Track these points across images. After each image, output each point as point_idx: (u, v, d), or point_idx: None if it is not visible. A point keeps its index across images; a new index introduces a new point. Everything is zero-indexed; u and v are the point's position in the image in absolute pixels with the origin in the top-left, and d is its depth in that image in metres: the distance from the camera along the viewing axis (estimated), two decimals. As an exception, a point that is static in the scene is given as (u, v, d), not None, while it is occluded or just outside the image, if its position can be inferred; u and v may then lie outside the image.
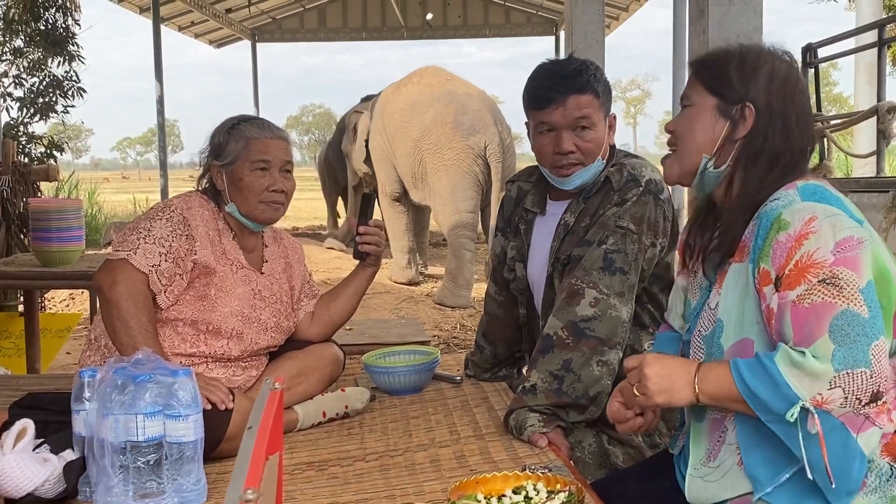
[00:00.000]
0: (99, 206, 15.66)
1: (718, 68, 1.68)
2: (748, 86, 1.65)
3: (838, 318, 1.45)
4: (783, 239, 1.53)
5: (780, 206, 1.58)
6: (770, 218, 1.57)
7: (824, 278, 1.47)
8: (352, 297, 2.60)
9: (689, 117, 1.71)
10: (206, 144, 2.42)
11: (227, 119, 2.44)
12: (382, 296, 8.99)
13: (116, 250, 2.21)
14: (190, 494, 1.79)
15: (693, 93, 1.71)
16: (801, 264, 1.50)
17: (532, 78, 2.34)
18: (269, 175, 2.35)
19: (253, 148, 2.33)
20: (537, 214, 2.45)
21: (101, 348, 2.29)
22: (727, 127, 1.67)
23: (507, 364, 2.71)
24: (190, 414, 1.77)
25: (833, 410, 1.43)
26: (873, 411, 1.45)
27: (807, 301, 1.47)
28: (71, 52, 10.47)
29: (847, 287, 1.46)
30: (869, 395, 1.43)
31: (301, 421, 2.35)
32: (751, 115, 1.64)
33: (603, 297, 2.16)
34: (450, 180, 8.99)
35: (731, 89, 1.66)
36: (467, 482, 1.62)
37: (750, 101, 1.64)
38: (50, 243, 4.05)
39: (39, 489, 1.79)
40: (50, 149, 10.16)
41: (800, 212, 1.54)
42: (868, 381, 1.42)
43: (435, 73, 9.92)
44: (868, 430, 1.46)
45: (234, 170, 2.33)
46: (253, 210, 2.35)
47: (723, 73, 1.67)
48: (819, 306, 1.46)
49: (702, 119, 1.69)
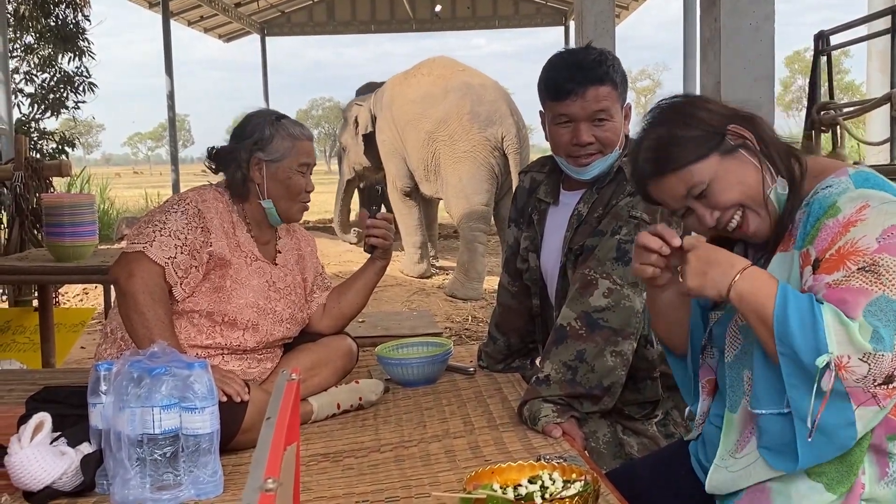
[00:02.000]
0: (111, 200, 15.71)
1: (674, 146, 1.59)
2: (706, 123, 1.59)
3: (873, 304, 1.42)
4: (831, 224, 1.50)
5: (833, 193, 1.54)
6: (823, 205, 1.53)
7: (864, 266, 1.45)
8: (362, 291, 2.61)
9: (726, 183, 1.59)
10: (242, 135, 2.37)
11: (261, 112, 2.44)
12: (394, 288, 9.00)
13: (132, 243, 2.22)
14: (207, 486, 1.80)
15: (693, 178, 1.58)
16: (844, 251, 1.47)
17: (549, 68, 2.30)
18: (307, 176, 2.40)
19: (300, 149, 2.37)
20: (550, 204, 2.44)
21: (118, 341, 2.30)
22: (747, 153, 1.60)
23: (521, 355, 2.71)
24: (206, 406, 1.78)
25: (846, 379, 1.41)
26: (882, 392, 1.44)
27: (843, 285, 1.45)
28: (81, 48, 10.47)
29: (886, 273, 1.44)
30: (884, 377, 1.42)
31: (316, 412, 2.36)
32: (739, 129, 1.60)
33: (616, 288, 2.15)
34: (464, 172, 8.96)
35: (706, 139, 1.59)
36: (483, 472, 1.62)
37: (724, 125, 1.59)
38: (63, 238, 4.07)
39: (57, 482, 1.80)
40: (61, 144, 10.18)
41: (854, 199, 1.51)
42: (889, 364, 1.41)
43: (445, 64, 9.86)
44: (869, 406, 1.44)
45: (281, 168, 2.35)
46: (289, 209, 2.39)
47: (683, 140, 1.59)
48: (855, 290, 1.44)
49: (734, 172, 1.59)
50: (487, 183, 8.98)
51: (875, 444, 1.52)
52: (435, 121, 9.11)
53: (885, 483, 1.52)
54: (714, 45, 3.60)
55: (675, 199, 1.62)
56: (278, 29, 17.75)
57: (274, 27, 17.60)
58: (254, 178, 2.36)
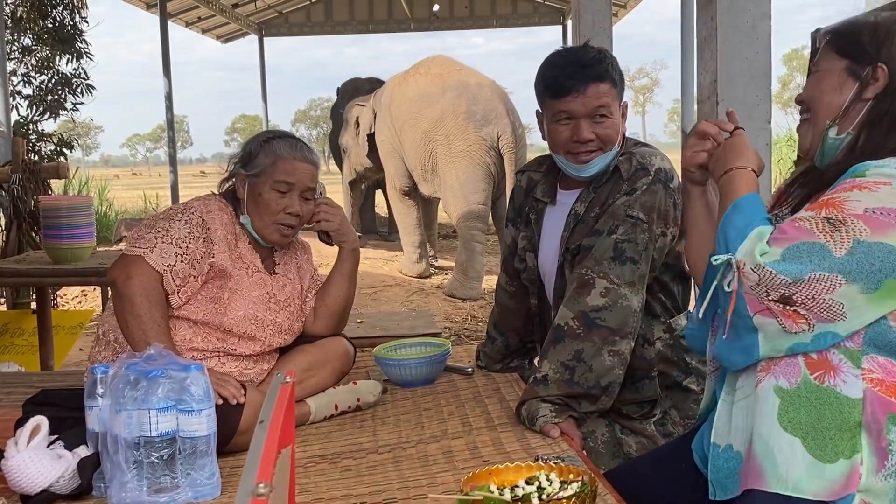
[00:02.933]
0: (109, 202, 15.71)
1: (850, 34, 1.66)
2: (881, 48, 1.62)
3: (804, 244, 1.48)
4: (848, 181, 1.54)
5: (871, 164, 1.56)
6: (857, 170, 1.56)
7: (832, 217, 1.49)
8: (341, 282, 2.57)
9: (818, 80, 1.68)
10: (239, 150, 2.46)
11: (265, 131, 2.48)
12: (393, 288, 9.00)
13: (133, 247, 2.22)
14: (204, 488, 1.79)
15: (823, 59, 1.68)
16: (831, 201, 1.51)
17: (548, 65, 2.30)
18: (288, 197, 2.35)
19: (279, 167, 2.33)
20: (547, 204, 2.44)
21: (111, 343, 2.30)
22: (856, 88, 1.63)
23: (519, 355, 2.70)
24: (203, 408, 1.78)
25: (743, 283, 1.50)
26: (778, 309, 1.48)
27: (798, 223, 1.51)
28: (79, 50, 10.45)
29: (844, 232, 1.47)
30: (779, 296, 1.47)
31: (313, 414, 2.35)
32: (883, 75, 1.61)
33: (614, 287, 2.15)
34: (461, 172, 8.95)
35: (862, 51, 1.63)
36: (480, 473, 1.62)
37: (883, 62, 1.61)
38: (61, 240, 4.07)
39: (54, 485, 1.80)
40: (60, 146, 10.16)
41: (882, 175, 1.52)
42: (784, 286, 1.47)
43: (443, 63, 9.85)
44: (766, 316, 1.50)
45: (257, 183, 2.34)
46: (264, 228, 2.36)
47: (855, 37, 1.65)
48: (802, 230, 1.49)
49: (830, 80, 1.66)
50: (484, 182, 8.99)
51: (872, 427, 1.51)
52: (431, 120, 9.11)
53: (883, 475, 1.51)
54: (711, 43, 3.60)
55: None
56: (276, 29, 17.73)
57: (272, 27, 17.57)
58: (238, 193, 2.38)
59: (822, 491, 1.51)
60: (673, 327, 2.34)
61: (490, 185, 9.07)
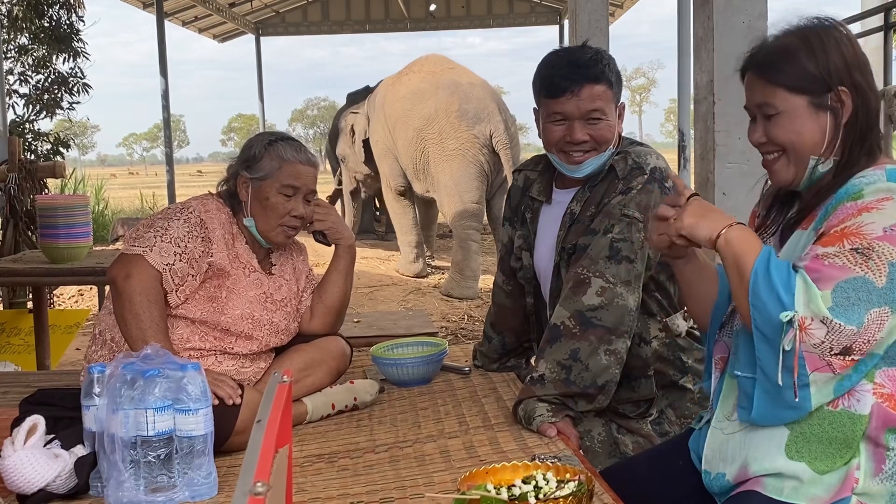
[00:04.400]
0: (106, 201, 15.70)
1: (790, 64, 1.61)
2: (829, 70, 1.59)
3: (848, 281, 1.44)
4: (849, 206, 1.52)
5: (863, 182, 1.55)
6: (850, 191, 1.55)
7: (858, 247, 1.47)
8: (337, 280, 2.59)
9: (789, 123, 1.62)
10: (240, 152, 2.45)
11: (265, 133, 2.47)
12: (390, 288, 9.00)
13: (132, 245, 2.22)
14: (201, 488, 1.80)
15: (775, 99, 1.62)
16: (847, 230, 1.49)
17: (545, 65, 2.30)
18: (294, 200, 2.37)
19: (285, 171, 2.35)
20: (543, 203, 2.44)
21: (108, 342, 2.30)
22: (831, 120, 1.60)
23: (516, 354, 2.71)
24: (199, 408, 1.78)
25: (804, 342, 1.44)
26: (837, 362, 1.46)
27: (828, 260, 1.47)
28: (75, 49, 10.45)
29: (877, 258, 1.45)
30: (841, 348, 1.44)
31: (310, 413, 2.35)
32: (847, 97, 1.59)
33: (609, 287, 2.15)
34: (454, 171, 8.96)
35: (814, 81, 1.59)
36: (477, 472, 1.62)
37: (844, 86, 1.59)
38: (58, 240, 4.07)
39: (51, 485, 1.80)
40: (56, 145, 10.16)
41: (880, 190, 1.52)
42: (849, 337, 1.43)
43: (436, 62, 9.87)
44: (824, 372, 1.46)
45: (263, 187, 2.35)
46: (270, 230, 2.37)
47: (798, 68, 1.60)
48: (836, 267, 1.46)
49: (801, 120, 1.60)
50: (478, 181, 9.01)
51: (872, 436, 1.52)
52: (423, 118, 9.12)
53: (880, 479, 1.53)
54: (707, 43, 3.61)
55: (750, 100, 1.69)
56: (273, 29, 17.70)
57: (268, 27, 17.54)
58: (240, 195, 2.38)
59: (820, 495, 1.52)
60: (669, 326, 2.35)
61: (484, 183, 9.08)
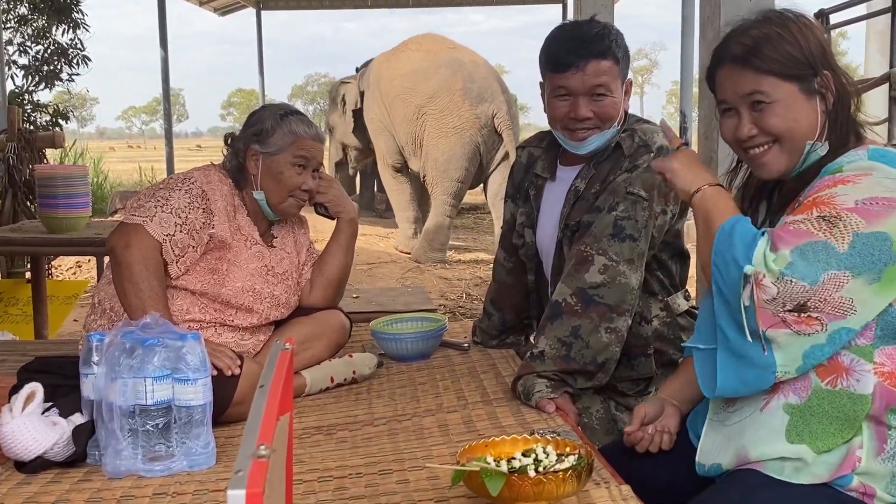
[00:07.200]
0: (104, 174, 15.64)
1: (775, 51, 1.59)
2: (812, 55, 1.59)
3: (809, 244, 1.46)
4: (827, 179, 1.54)
5: (844, 161, 1.57)
6: (830, 169, 1.57)
7: (826, 215, 1.48)
8: (338, 252, 2.59)
9: (783, 111, 1.60)
10: (250, 125, 2.41)
11: (273, 105, 2.47)
12: (389, 265, 9.00)
13: (133, 215, 2.21)
14: (199, 458, 1.79)
15: (767, 87, 1.60)
16: (819, 199, 1.51)
17: (551, 40, 2.27)
18: (305, 174, 2.38)
19: (299, 146, 2.36)
20: (547, 180, 2.43)
21: (107, 311, 2.30)
22: (821, 104, 1.61)
23: (515, 331, 2.70)
24: (199, 377, 1.78)
25: (759, 298, 1.46)
26: (792, 318, 1.46)
27: (794, 225, 1.49)
28: (75, 20, 10.38)
29: (842, 226, 1.46)
30: (794, 304, 1.45)
31: (309, 386, 2.35)
32: (831, 80, 1.59)
33: (612, 264, 2.14)
34: (449, 147, 9.09)
35: (801, 66, 1.59)
36: (476, 445, 1.62)
37: (826, 69, 1.59)
38: (56, 210, 4.05)
39: (49, 452, 1.80)
40: (55, 117, 10.12)
41: (860, 168, 1.54)
42: (802, 293, 1.44)
43: (435, 40, 9.88)
44: (779, 328, 1.47)
45: (276, 161, 2.35)
46: (280, 203, 2.38)
47: (783, 55, 1.59)
48: (800, 231, 1.48)
49: (798, 107, 1.60)
50: (468, 161, 9.17)
51: (875, 415, 1.53)
52: (425, 95, 9.14)
53: (882, 459, 1.53)
54: (714, 22, 3.56)
55: (734, 93, 1.64)
56: (274, 3, 17.56)
57: (270, 0, 17.43)
58: (249, 168, 2.37)
59: (820, 474, 1.52)
60: (670, 305, 2.34)
61: (474, 165, 9.26)
